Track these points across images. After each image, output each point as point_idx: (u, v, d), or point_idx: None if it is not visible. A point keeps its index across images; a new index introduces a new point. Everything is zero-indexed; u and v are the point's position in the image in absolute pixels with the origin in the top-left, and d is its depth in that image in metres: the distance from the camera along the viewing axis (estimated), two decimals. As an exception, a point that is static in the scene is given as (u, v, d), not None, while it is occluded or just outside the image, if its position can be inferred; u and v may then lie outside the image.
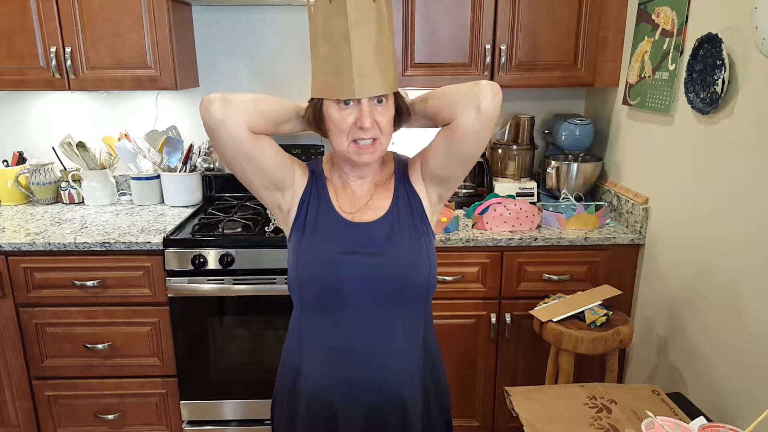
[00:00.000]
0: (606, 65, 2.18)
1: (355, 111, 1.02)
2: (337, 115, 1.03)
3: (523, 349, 2.13)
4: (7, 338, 2.05)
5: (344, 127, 1.03)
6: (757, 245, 1.44)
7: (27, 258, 1.98)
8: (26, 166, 2.46)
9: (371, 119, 1.02)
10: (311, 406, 1.15)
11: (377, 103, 1.04)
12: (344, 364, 1.12)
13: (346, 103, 1.02)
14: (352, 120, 1.03)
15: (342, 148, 1.06)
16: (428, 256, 1.14)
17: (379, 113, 1.04)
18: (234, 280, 1.99)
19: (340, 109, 1.03)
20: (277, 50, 2.50)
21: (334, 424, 1.15)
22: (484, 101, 1.02)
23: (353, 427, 1.14)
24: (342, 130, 1.04)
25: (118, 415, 2.15)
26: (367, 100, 1.02)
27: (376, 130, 1.04)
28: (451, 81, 2.17)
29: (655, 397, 1.42)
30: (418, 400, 1.17)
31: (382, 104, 1.04)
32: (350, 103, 1.02)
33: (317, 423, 1.16)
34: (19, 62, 2.13)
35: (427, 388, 1.20)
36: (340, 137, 1.05)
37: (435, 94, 1.10)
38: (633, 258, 2.06)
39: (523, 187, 2.38)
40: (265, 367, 2.09)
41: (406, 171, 1.19)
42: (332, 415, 1.14)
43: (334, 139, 1.07)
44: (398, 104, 1.10)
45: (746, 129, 1.48)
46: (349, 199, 1.16)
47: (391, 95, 1.06)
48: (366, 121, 1.01)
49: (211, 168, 2.49)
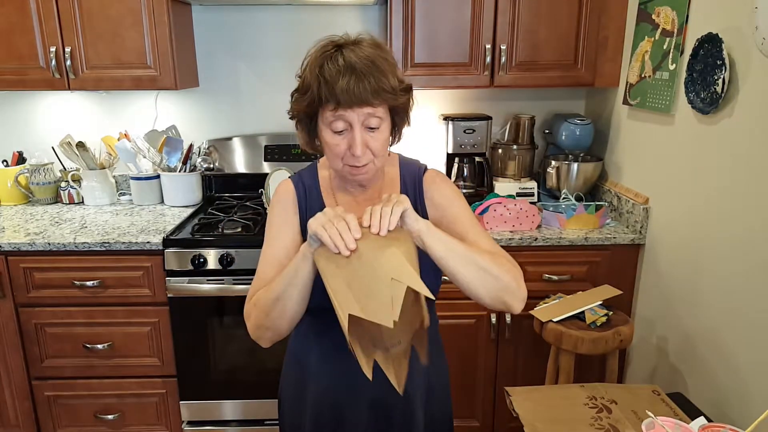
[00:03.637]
0: (606, 65, 2.18)
1: (348, 137, 1.02)
2: (330, 140, 1.03)
3: (523, 350, 2.13)
4: (7, 338, 2.05)
5: (338, 152, 1.03)
6: (758, 245, 1.44)
7: (27, 258, 1.98)
8: (26, 166, 2.46)
9: (363, 147, 1.01)
10: (318, 401, 1.16)
11: (369, 130, 1.02)
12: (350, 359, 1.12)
13: (339, 132, 1.02)
14: (345, 146, 1.02)
15: (337, 168, 1.07)
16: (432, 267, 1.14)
17: (371, 138, 1.02)
18: (234, 280, 1.99)
19: (333, 135, 1.02)
20: (277, 50, 2.50)
21: (341, 419, 1.15)
22: (514, 308, 1.02)
23: (359, 421, 1.14)
24: (336, 154, 1.04)
25: (118, 416, 2.15)
26: (359, 125, 1.00)
27: (369, 156, 1.03)
28: (451, 81, 2.19)
29: (656, 397, 1.42)
30: (422, 394, 1.17)
31: (375, 130, 1.03)
32: (343, 132, 1.02)
33: (324, 418, 1.16)
34: (18, 62, 2.13)
35: (431, 383, 1.20)
36: (334, 159, 1.06)
37: (461, 252, 0.97)
38: (633, 258, 2.05)
39: (524, 187, 2.38)
40: (265, 368, 2.09)
41: (420, 180, 1.17)
42: (338, 409, 1.15)
43: (329, 159, 1.08)
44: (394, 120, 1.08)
45: (746, 129, 1.47)
46: (350, 205, 1.16)
47: (386, 119, 1.04)
48: (357, 149, 1.00)
49: (210, 168, 2.48)
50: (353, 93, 0.96)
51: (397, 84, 1.02)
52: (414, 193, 1.16)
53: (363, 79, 0.97)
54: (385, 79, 0.99)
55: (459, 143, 2.36)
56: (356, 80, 0.96)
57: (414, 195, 1.16)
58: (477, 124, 2.34)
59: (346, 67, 0.97)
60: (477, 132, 2.34)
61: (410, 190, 1.17)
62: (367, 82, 0.97)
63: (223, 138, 2.54)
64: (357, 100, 0.97)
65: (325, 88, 0.98)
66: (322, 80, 0.98)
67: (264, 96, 2.55)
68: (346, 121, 1.00)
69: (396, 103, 1.03)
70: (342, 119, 1.00)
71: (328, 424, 1.16)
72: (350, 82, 0.96)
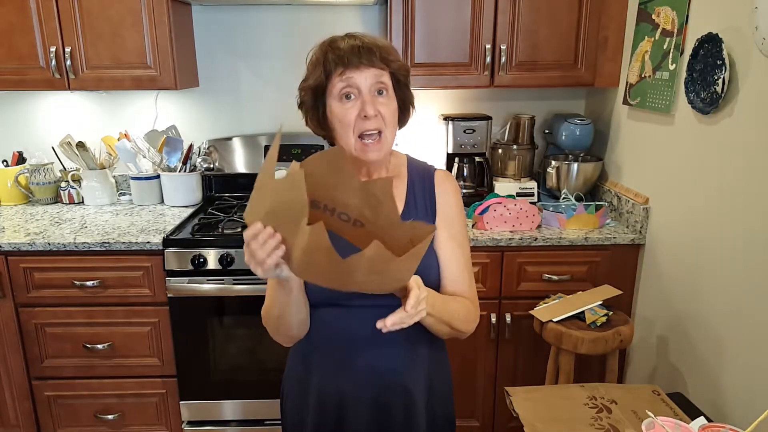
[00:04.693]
0: (606, 65, 2.18)
1: (357, 103, 1.05)
2: (339, 110, 1.06)
3: (523, 350, 2.13)
4: (7, 338, 2.05)
5: (348, 120, 1.05)
6: (758, 245, 1.44)
7: (27, 258, 1.98)
8: (26, 166, 2.46)
9: (374, 107, 1.04)
10: (320, 399, 1.16)
11: (378, 94, 1.06)
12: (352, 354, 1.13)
13: (348, 97, 1.05)
14: (355, 112, 1.05)
15: (349, 146, 1.08)
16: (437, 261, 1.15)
17: (381, 104, 1.06)
18: (234, 280, 1.99)
19: (342, 103, 1.05)
20: (277, 50, 2.50)
21: (343, 418, 1.15)
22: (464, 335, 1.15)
23: (361, 416, 1.15)
24: (346, 124, 1.05)
25: (118, 416, 2.15)
26: (367, 90, 1.04)
27: (380, 120, 1.06)
28: (451, 81, 2.19)
29: (656, 397, 1.42)
30: (423, 390, 1.18)
31: (383, 95, 1.07)
32: (351, 97, 1.05)
33: (326, 416, 1.17)
34: (18, 62, 2.13)
35: (433, 380, 1.20)
36: (346, 133, 1.07)
37: (445, 318, 1.07)
38: (633, 258, 2.05)
39: (524, 186, 2.38)
40: (265, 367, 2.09)
41: (431, 180, 1.19)
42: (341, 407, 1.15)
43: (341, 137, 1.08)
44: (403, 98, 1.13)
45: (747, 129, 1.47)
46: None
47: (392, 90, 1.09)
48: (369, 108, 1.04)
49: (210, 168, 2.48)
50: (359, 56, 1.03)
51: (399, 59, 1.11)
52: (423, 190, 1.18)
53: (369, 48, 1.05)
54: (389, 53, 1.08)
55: (459, 143, 2.36)
56: (362, 47, 1.05)
57: (423, 192, 1.18)
58: (477, 124, 2.34)
59: (354, 43, 1.05)
60: (477, 132, 2.34)
61: (419, 186, 1.18)
62: (373, 52, 1.05)
63: (223, 138, 2.54)
64: (365, 60, 1.04)
65: (333, 54, 1.05)
66: (329, 51, 1.06)
67: (264, 96, 2.55)
68: (354, 85, 1.05)
69: (399, 72, 1.10)
70: (350, 84, 1.05)
71: (330, 422, 1.16)
72: (356, 48, 1.04)
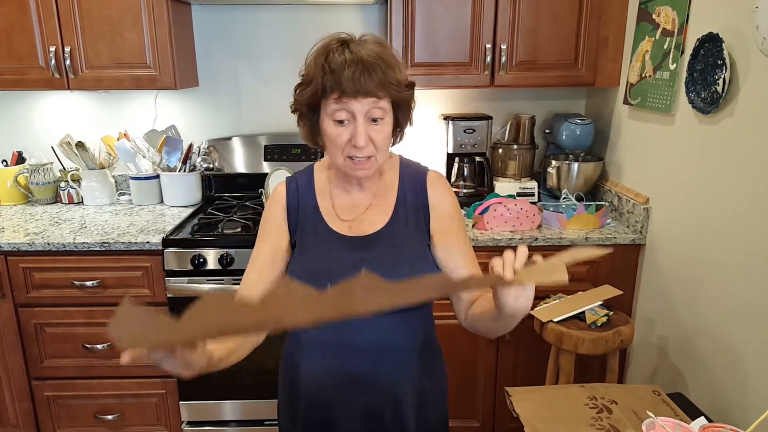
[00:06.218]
0: (607, 65, 2.17)
1: (350, 128, 1.02)
2: (331, 131, 1.03)
3: (523, 350, 2.13)
4: (7, 338, 2.05)
5: (339, 143, 1.03)
6: (758, 245, 1.43)
7: (26, 258, 1.98)
8: (25, 165, 2.46)
9: (366, 137, 1.01)
10: (310, 402, 1.16)
11: (372, 121, 1.02)
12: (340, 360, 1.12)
13: (341, 122, 1.02)
14: (347, 137, 1.02)
15: (338, 163, 1.07)
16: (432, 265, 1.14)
17: (374, 131, 1.03)
18: (234, 281, 1.99)
19: (335, 126, 1.03)
20: (276, 50, 2.50)
21: (332, 420, 1.15)
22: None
23: (350, 422, 1.14)
24: (337, 145, 1.04)
25: (118, 416, 2.15)
26: (362, 116, 1.01)
27: (371, 148, 1.03)
28: (452, 80, 2.19)
29: (656, 397, 1.42)
30: (413, 398, 1.17)
31: (378, 123, 1.03)
32: (345, 123, 1.02)
33: (316, 419, 1.16)
34: (18, 62, 2.13)
35: (424, 387, 1.19)
36: (335, 153, 1.05)
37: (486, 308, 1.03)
38: (634, 258, 2.05)
39: (524, 186, 2.38)
40: (264, 368, 2.08)
41: (423, 182, 1.17)
42: (330, 410, 1.14)
43: (330, 153, 1.07)
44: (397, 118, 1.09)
45: (747, 129, 1.47)
46: (348, 206, 1.15)
47: (389, 113, 1.05)
48: (360, 139, 1.01)
49: (210, 168, 2.48)
50: (359, 83, 0.97)
51: (402, 78, 1.04)
52: (415, 193, 1.16)
53: (370, 71, 0.98)
54: (391, 72, 1.01)
55: (459, 143, 2.36)
56: (362, 70, 0.97)
57: (415, 196, 1.16)
58: (477, 123, 2.34)
59: (353, 58, 0.98)
60: (477, 132, 2.34)
61: (410, 191, 1.16)
62: (374, 74, 0.98)
63: (222, 138, 2.53)
64: (362, 90, 0.98)
65: (330, 77, 0.98)
66: (327, 70, 0.99)
67: (264, 96, 2.55)
68: (349, 111, 1.01)
69: (400, 96, 1.04)
70: (345, 109, 1.00)
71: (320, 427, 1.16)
72: (356, 72, 0.97)
